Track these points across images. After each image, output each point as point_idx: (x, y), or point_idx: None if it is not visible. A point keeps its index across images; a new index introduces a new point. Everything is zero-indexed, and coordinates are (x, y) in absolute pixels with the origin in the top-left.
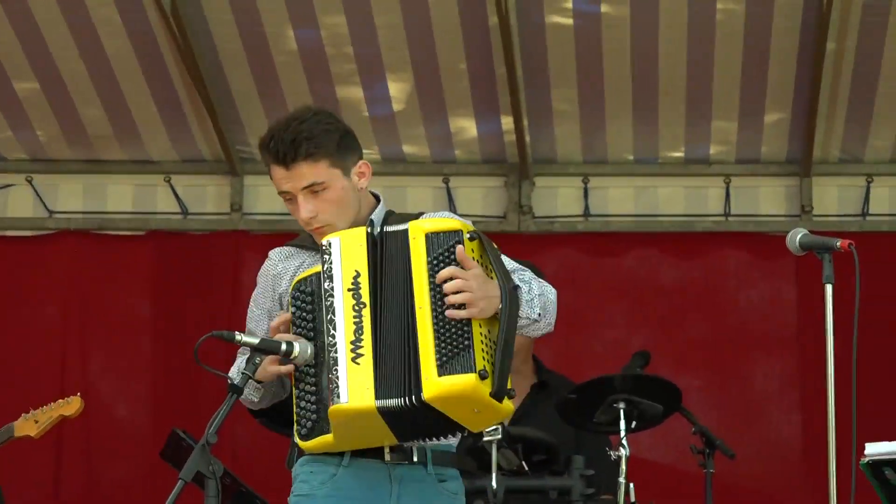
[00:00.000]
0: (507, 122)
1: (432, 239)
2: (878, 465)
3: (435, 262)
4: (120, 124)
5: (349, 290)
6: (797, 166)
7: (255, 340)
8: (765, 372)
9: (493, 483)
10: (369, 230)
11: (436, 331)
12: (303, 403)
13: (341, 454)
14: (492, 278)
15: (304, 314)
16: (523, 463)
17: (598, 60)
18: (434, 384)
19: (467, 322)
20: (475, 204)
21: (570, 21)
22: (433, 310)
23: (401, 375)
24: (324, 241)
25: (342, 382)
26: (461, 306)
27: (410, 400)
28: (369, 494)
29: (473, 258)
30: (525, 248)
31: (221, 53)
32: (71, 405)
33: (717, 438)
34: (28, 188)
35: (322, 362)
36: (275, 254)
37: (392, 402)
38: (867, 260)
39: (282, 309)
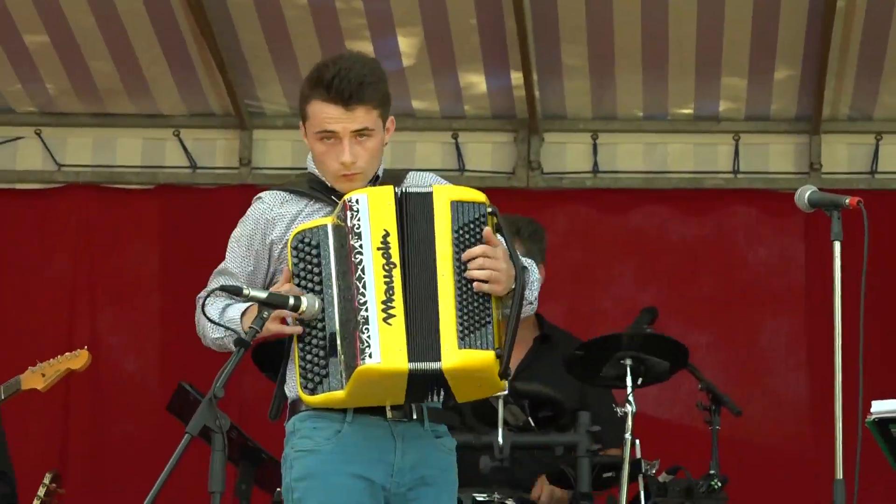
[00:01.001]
0: (516, 77)
1: (457, 207)
2: (885, 423)
3: (460, 231)
4: (129, 78)
5: (378, 248)
6: (807, 123)
7: (263, 295)
8: (772, 329)
9: (500, 439)
10: (396, 190)
11: (458, 300)
12: (309, 357)
13: (344, 411)
14: None
15: (309, 266)
16: (529, 419)
17: (609, 16)
18: (454, 354)
19: (488, 298)
20: (484, 159)
21: None
22: (456, 279)
23: (426, 340)
24: (349, 198)
25: (374, 342)
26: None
27: (432, 365)
28: (375, 451)
29: None
30: (533, 205)
31: (231, 7)
32: (78, 358)
33: (724, 395)
34: (37, 141)
35: (329, 316)
36: (269, 196)
37: (422, 364)
38: (876, 217)
39: (272, 255)
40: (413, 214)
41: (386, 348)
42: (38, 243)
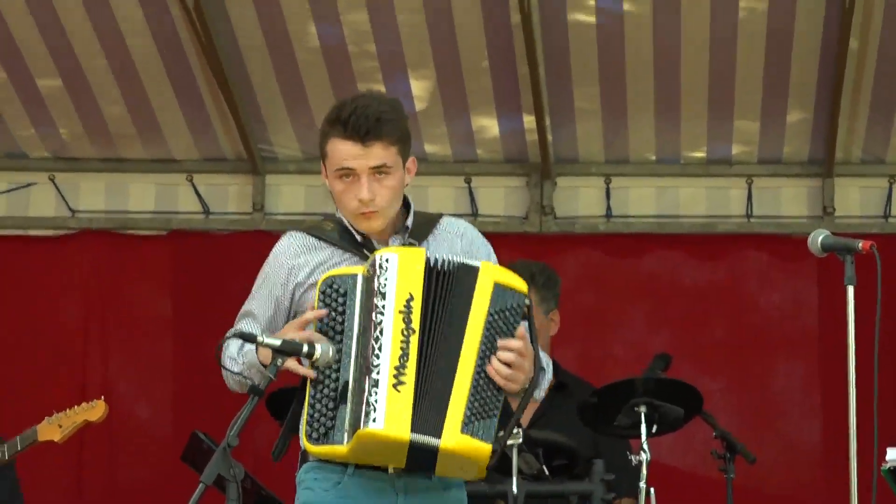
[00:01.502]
0: (529, 121)
1: (499, 291)
2: None
3: (495, 315)
4: (142, 122)
5: (400, 312)
6: (819, 167)
7: (278, 342)
8: (786, 374)
9: (514, 487)
10: (429, 257)
11: (473, 384)
12: (318, 406)
13: (346, 463)
14: None
15: (334, 313)
16: (544, 467)
17: (621, 59)
18: (454, 437)
19: (500, 390)
20: (497, 204)
21: (592, 19)
22: (478, 362)
23: (432, 413)
24: (380, 255)
25: (380, 406)
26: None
27: (429, 439)
28: (374, 503)
29: None
30: (546, 249)
31: (244, 51)
32: (95, 410)
33: (739, 443)
34: (50, 186)
35: (344, 367)
36: (296, 241)
37: (423, 438)
38: (889, 261)
39: (293, 299)
40: (452, 283)
41: (391, 415)
42: (51, 289)
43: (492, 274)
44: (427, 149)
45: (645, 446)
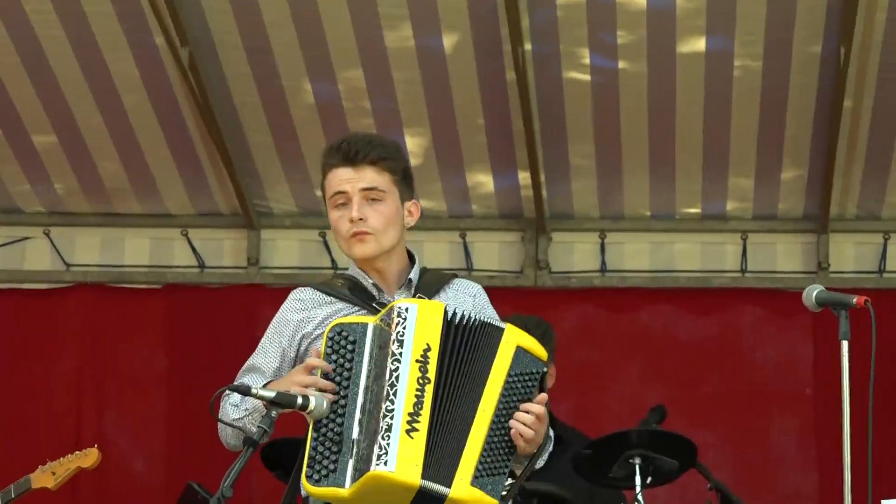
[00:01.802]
0: (524, 177)
1: (521, 356)
2: None
3: (514, 378)
4: (137, 178)
5: (417, 361)
6: (814, 223)
7: (272, 394)
8: (781, 428)
9: None
10: (447, 311)
11: (488, 440)
12: (321, 449)
13: None
14: None
15: (342, 360)
16: None
17: (616, 116)
18: (464, 487)
19: (512, 451)
20: (492, 259)
21: (587, 77)
22: (494, 419)
23: (444, 461)
24: (400, 305)
25: (392, 451)
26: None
27: (438, 487)
28: None
29: None
30: (541, 303)
31: (239, 107)
32: (88, 457)
33: (734, 495)
34: (45, 241)
35: (349, 414)
36: (305, 296)
37: (433, 485)
38: (884, 317)
39: (299, 351)
40: (473, 339)
41: (402, 459)
42: (45, 342)
43: (516, 338)
44: (423, 204)
45: (640, 498)
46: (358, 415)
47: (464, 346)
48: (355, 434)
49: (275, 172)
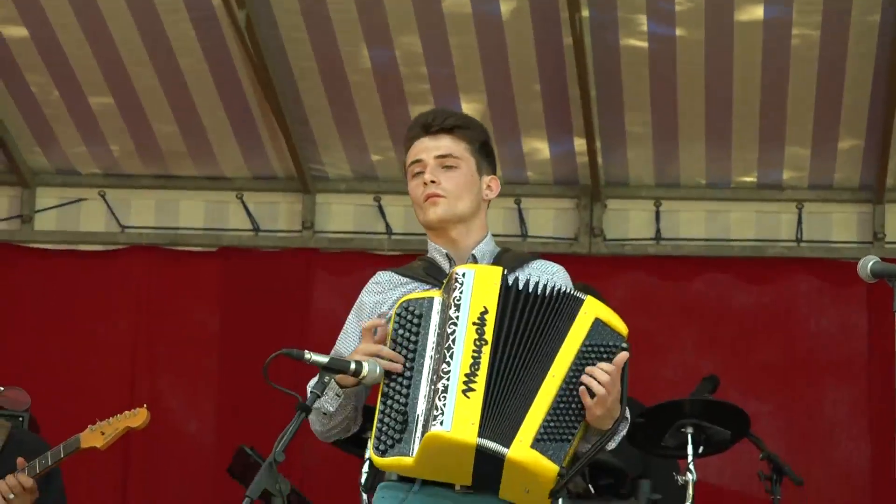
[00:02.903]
0: (579, 144)
1: (599, 327)
2: None
3: (589, 348)
4: (193, 140)
5: (474, 323)
6: (870, 193)
7: (325, 360)
8: (834, 399)
9: None
10: (506, 275)
11: (554, 406)
12: (387, 420)
13: (413, 480)
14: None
15: (408, 335)
16: (590, 486)
17: (673, 84)
18: (523, 449)
19: (579, 420)
20: (546, 225)
21: (644, 44)
22: (563, 386)
23: (505, 423)
24: (457, 271)
25: (448, 410)
26: (591, 394)
27: (497, 447)
28: None
29: None
30: (595, 271)
31: (295, 71)
32: (137, 417)
33: (786, 465)
34: (101, 203)
35: (415, 385)
36: (382, 279)
37: (490, 444)
38: None
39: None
40: (549, 307)
41: (459, 418)
42: (100, 304)
43: (595, 309)
44: None
45: (692, 467)
46: (423, 384)
47: (529, 311)
48: (421, 404)
49: (330, 137)
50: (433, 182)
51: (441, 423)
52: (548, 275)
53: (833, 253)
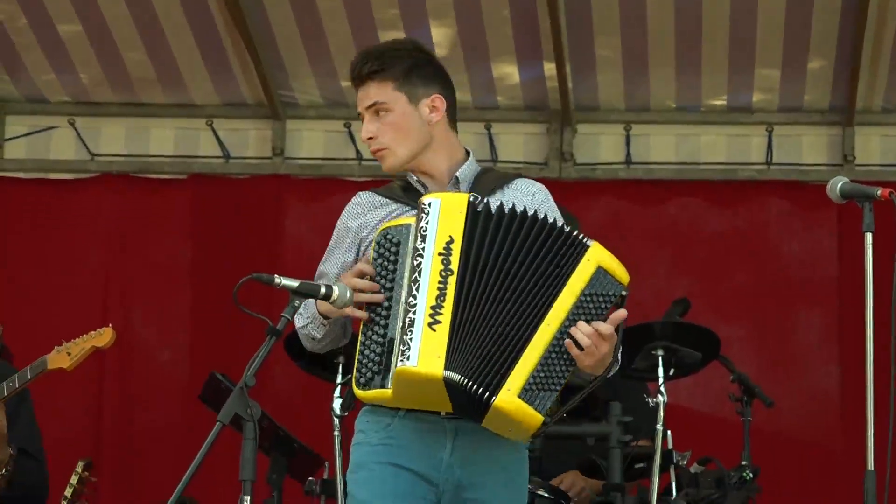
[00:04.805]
0: (549, 68)
1: (601, 275)
2: None
3: (588, 298)
4: (162, 67)
5: (440, 254)
6: (840, 115)
7: (295, 284)
8: (805, 321)
9: None
10: (472, 201)
11: (546, 353)
12: (367, 352)
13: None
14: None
15: (387, 263)
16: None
17: (642, 7)
18: (509, 399)
19: (569, 367)
20: (516, 150)
21: None
22: (556, 335)
23: (485, 363)
24: (424, 200)
25: (414, 345)
26: (579, 347)
27: (480, 390)
28: (422, 445)
29: None
30: (566, 195)
31: None
32: (102, 336)
33: (756, 386)
34: (70, 130)
35: (394, 315)
36: (362, 200)
37: (457, 376)
38: None
39: (358, 256)
40: (560, 248)
41: (424, 352)
42: (71, 232)
43: (599, 256)
44: None
45: (662, 389)
46: (401, 314)
47: (502, 238)
48: (397, 336)
49: (300, 63)
50: (371, 139)
51: (408, 359)
52: (528, 195)
53: (803, 175)
